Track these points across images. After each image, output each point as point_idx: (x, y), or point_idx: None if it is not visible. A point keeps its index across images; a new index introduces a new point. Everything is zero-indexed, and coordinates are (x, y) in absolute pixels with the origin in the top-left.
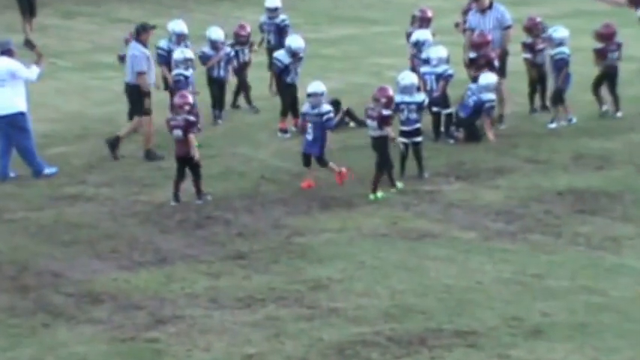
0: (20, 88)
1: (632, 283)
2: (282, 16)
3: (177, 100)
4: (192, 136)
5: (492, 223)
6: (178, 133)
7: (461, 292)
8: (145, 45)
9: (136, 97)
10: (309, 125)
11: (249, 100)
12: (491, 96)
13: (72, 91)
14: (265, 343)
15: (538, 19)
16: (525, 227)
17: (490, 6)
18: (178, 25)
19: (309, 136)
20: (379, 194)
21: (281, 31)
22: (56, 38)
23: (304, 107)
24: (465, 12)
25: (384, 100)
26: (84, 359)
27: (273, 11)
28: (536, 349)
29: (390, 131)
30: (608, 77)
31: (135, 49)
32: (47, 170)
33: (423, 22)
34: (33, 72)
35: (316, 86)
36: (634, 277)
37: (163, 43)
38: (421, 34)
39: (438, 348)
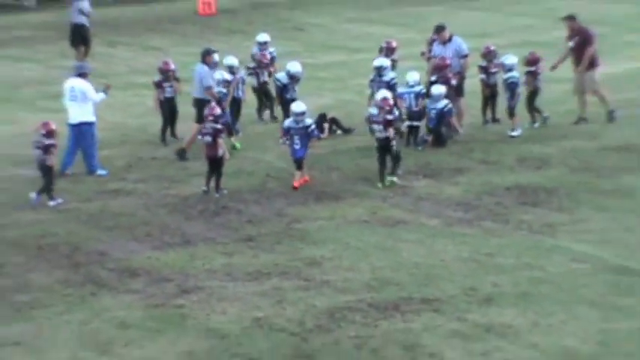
0: (89, 104)
1: (565, 260)
2: (270, 49)
3: (206, 111)
4: (220, 141)
5: (453, 213)
6: (208, 138)
7: (427, 267)
8: (209, 65)
9: (202, 109)
10: (296, 136)
11: (272, 110)
12: (445, 101)
13: (115, 106)
14: (270, 309)
15: (492, 48)
16: (479, 216)
17: (450, 39)
18: (230, 60)
19: (297, 145)
20: (394, 178)
21: (271, 60)
22: (102, 62)
23: (289, 123)
24: (430, 43)
25: (387, 107)
26: (123, 322)
27: (263, 44)
28: (488, 314)
29: (392, 132)
30: (533, 94)
31: (202, 69)
32: (99, 171)
33: (388, 51)
34: (98, 96)
35: (299, 107)
36: (567, 255)
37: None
38: (382, 61)
39: (408, 313)
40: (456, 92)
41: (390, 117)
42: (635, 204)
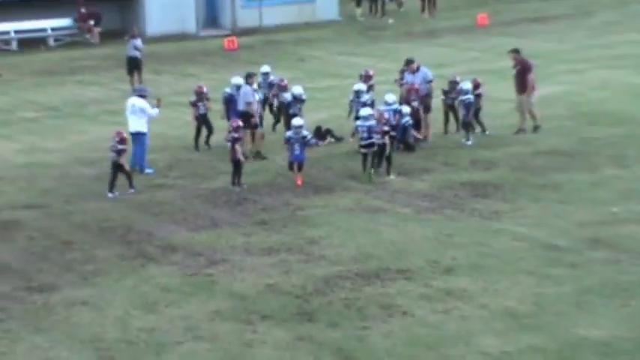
0: (144, 118)
1: (508, 240)
2: (272, 77)
3: (231, 123)
4: (237, 147)
5: (421, 202)
6: (229, 145)
7: (401, 245)
8: (251, 85)
9: (247, 119)
10: (296, 144)
11: (289, 127)
12: (407, 118)
13: (159, 120)
14: (279, 277)
15: (457, 79)
16: (441, 205)
17: (418, 68)
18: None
19: (297, 151)
20: (392, 176)
21: (272, 87)
22: (150, 86)
23: (289, 134)
24: (401, 72)
25: (384, 120)
26: (166, 287)
27: (265, 74)
28: (448, 281)
29: (388, 140)
30: (478, 111)
31: (245, 88)
32: (147, 170)
33: (366, 78)
34: (154, 111)
35: (298, 121)
36: (509, 236)
37: (228, 90)
38: (360, 86)
39: (386, 280)
40: (424, 109)
41: (386, 128)
42: (562, 196)
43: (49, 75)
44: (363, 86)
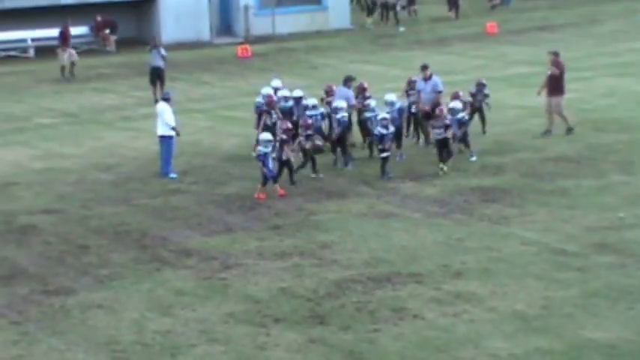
0: (165, 121)
1: (517, 244)
2: (281, 91)
3: (281, 125)
4: (285, 147)
5: (431, 208)
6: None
7: (412, 249)
8: (349, 88)
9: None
10: (268, 160)
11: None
12: (462, 114)
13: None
14: (292, 281)
15: (483, 80)
16: (451, 210)
17: (430, 77)
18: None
19: (270, 166)
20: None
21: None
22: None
23: (260, 148)
24: (409, 83)
25: (443, 115)
26: (181, 290)
27: (276, 89)
28: (457, 285)
29: (450, 133)
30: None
31: (342, 90)
32: (171, 175)
33: (361, 91)
34: (170, 121)
35: (266, 136)
36: (518, 240)
37: (259, 99)
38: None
39: (397, 284)
40: (429, 117)
41: (447, 122)
42: (569, 201)
43: (65, 82)
44: (392, 96)
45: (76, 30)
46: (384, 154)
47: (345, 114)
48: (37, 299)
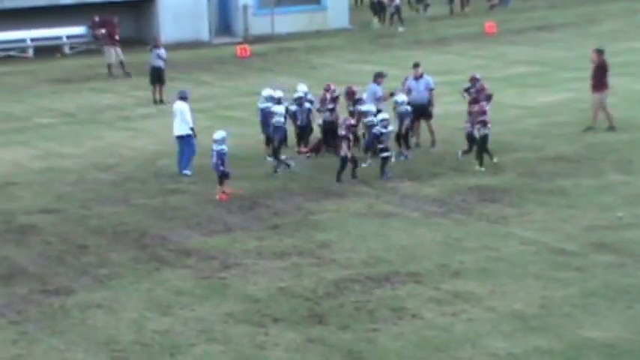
0: (186, 121)
1: (516, 244)
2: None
3: (345, 122)
4: (342, 144)
5: (430, 207)
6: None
7: (411, 249)
8: (379, 85)
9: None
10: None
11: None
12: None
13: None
14: (291, 280)
15: (477, 75)
16: (450, 209)
17: (421, 75)
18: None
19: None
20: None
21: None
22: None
23: (214, 147)
24: (403, 83)
25: (482, 112)
26: (180, 290)
27: (305, 94)
28: (456, 284)
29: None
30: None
31: (373, 87)
32: (186, 171)
33: (349, 95)
34: (189, 117)
35: (220, 134)
36: (517, 240)
37: (262, 102)
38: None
39: (396, 283)
40: (426, 117)
41: (486, 118)
42: (568, 201)
43: (65, 82)
44: (403, 97)
45: (74, 30)
46: (385, 154)
47: (374, 119)
48: (37, 299)
